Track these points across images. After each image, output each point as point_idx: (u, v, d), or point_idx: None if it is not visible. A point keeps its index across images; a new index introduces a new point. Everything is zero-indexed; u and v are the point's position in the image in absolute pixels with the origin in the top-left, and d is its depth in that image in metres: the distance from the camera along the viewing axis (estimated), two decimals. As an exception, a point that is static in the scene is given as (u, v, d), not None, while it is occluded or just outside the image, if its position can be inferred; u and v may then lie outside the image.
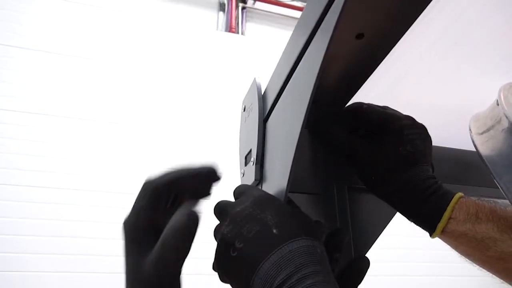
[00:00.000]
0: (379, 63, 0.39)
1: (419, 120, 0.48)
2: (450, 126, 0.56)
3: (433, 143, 0.59)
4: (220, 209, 0.37)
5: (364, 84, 0.45)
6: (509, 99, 0.38)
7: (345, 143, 0.46)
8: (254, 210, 0.33)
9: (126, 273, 0.30)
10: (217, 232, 0.35)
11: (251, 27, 3.38)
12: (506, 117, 0.36)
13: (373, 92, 0.49)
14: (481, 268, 0.40)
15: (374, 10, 0.33)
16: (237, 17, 3.30)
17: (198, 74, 2.92)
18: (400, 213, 0.43)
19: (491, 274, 0.40)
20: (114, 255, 2.17)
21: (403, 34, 0.36)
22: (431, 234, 0.41)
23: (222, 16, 3.31)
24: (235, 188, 0.40)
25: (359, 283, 0.42)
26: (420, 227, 0.42)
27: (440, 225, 0.39)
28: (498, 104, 0.38)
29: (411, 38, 0.50)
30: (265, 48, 3.05)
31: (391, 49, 0.38)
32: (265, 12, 3.46)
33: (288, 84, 0.43)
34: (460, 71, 0.55)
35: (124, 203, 2.36)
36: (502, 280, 0.39)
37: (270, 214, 0.33)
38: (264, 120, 0.50)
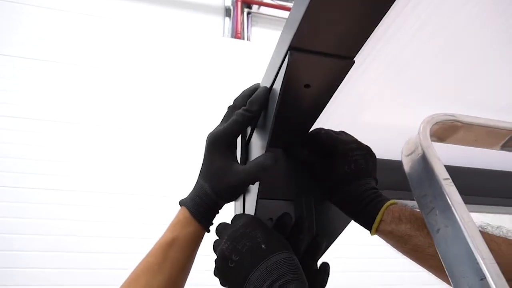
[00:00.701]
0: (327, 103, 0.51)
1: (380, 136, 0.60)
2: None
3: (388, 157, 0.70)
4: (220, 229, 0.49)
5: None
6: (426, 131, 0.50)
7: (307, 162, 0.58)
8: (246, 229, 0.45)
9: (213, 168, 0.49)
10: (216, 247, 0.47)
11: (256, 32, 3.48)
12: (420, 145, 0.48)
13: (333, 117, 0.61)
14: (406, 258, 0.51)
15: (313, 68, 0.45)
16: (242, 23, 3.40)
17: (203, 80, 3.01)
18: (348, 216, 0.56)
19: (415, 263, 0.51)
20: (110, 252, 2.30)
21: (341, 82, 0.48)
22: (370, 232, 0.53)
23: (228, 21, 3.42)
24: (233, 217, 0.51)
25: (319, 256, 0.55)
26: (363, 227, 0.54)
27: (374, 226, 0.51)
28: (418, 133, 0.50)
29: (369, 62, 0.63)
30: (270, 53, 3.15)
31: (335, 91, 0.50)
32: (270, 17, 3.57)
33: (262, 114, 0.56)
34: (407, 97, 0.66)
35: (120, 203, 2.47)
36: (423, 268, 0.51)
37: (259, 232, 0.44)
38: (246, 142, 0.62)
